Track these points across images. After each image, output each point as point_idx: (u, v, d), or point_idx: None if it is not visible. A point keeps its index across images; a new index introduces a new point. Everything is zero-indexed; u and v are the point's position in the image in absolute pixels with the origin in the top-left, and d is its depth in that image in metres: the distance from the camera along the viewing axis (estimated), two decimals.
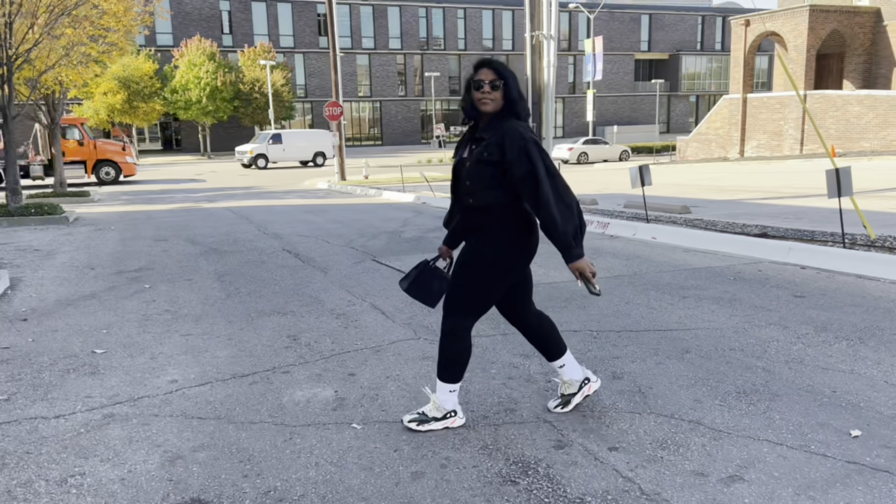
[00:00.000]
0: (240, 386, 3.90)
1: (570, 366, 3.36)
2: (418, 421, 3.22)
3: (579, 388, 3.35)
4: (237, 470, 2.91)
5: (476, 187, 2.98)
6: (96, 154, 27.20)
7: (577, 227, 2.92)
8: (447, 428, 3.22)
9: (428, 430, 3.20)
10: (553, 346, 3.34)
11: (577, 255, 2.90)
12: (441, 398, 3.20)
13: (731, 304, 5.34)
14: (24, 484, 2.83)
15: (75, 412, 3.56)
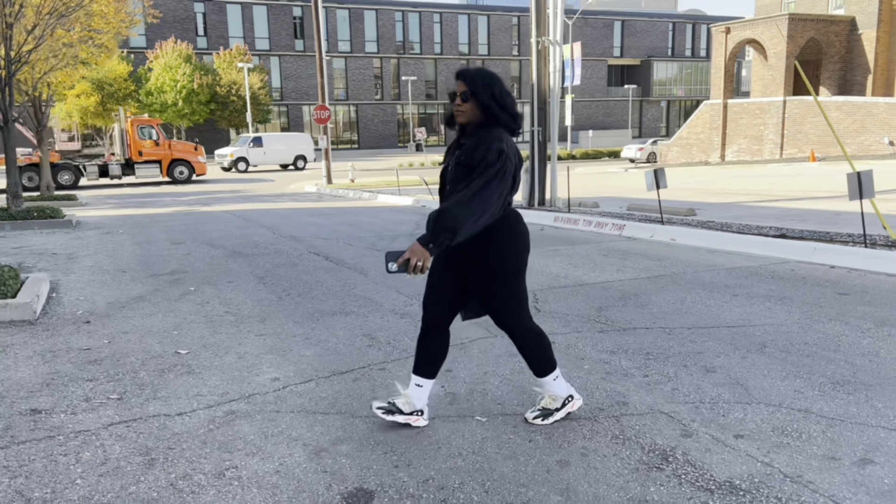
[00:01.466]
0: (344, 383, 3.99)
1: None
2: (542, 416, 3.33)
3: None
4: (386, 461, 3.01)
5: (457, 191, 2.98)
6: (171, 154, 28.18)
7: (451, 230, 2.86)
8: (569, 414, 3.35)
9: (554, 421, 3.32)
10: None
11: (426, 244, 2.89)
12: (553, 389, 3.29)
13: (782, 302, 5.56)
14: (183, 477, 2.90)
15: (195, 410, 3.62)
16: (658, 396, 3.64)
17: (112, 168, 27.27)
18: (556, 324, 5.09)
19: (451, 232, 2.86)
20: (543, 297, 6.01)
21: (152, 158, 27.98)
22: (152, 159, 27.99)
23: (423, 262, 2.89)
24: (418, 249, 2.89)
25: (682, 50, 74.35)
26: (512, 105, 3.02)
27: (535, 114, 13.41)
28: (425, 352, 3.29)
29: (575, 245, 9.15)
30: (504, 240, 3.09)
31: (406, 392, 3.33)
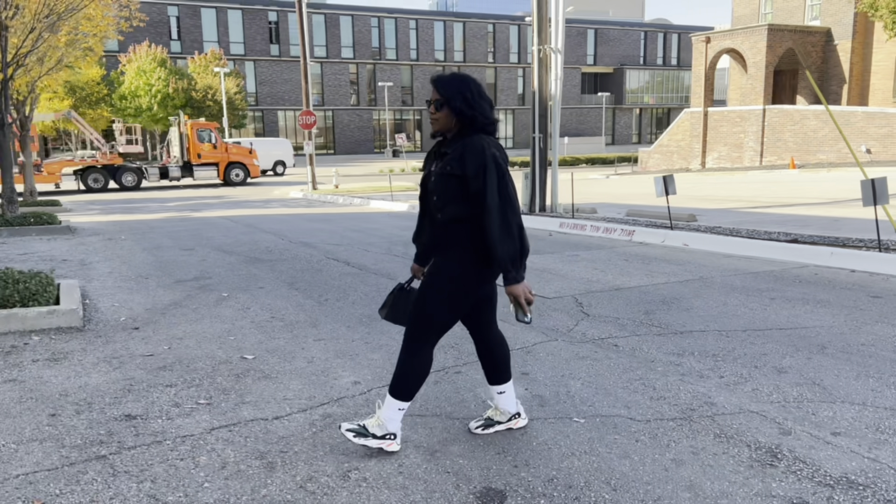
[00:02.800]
0: (425, 386, 4.03)
1: (509, 396, 3.34)
2: (355, 432, 3.12)
3: (507, 420, 3.35)
4: (503, 461, 3.07)
5: (442, 202, 2.95)
6: (228, 157, 29.14)
7: (518, 250, 2.87)
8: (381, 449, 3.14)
9: (363, 444, 3.12)
10: (500, 372, 3.31)
11: (513, 279, 2.86)
12: (386, 415, 3.11)
13: (821, 305, 5.73)
14: (308, 480, 2.92)
15: (291, 414, 3.64)
16: (741, 397, 3.75)
17: (172, 170, 28.23)
18: (612, 327, 5.19)
19: (517, 251, 2.87)
20: (586, 301, 6.11)
21: (210, 161, 28.85)
22: (210, 162, 28.86)
23: (530, 292, 2.92)
24: (518, 289, 2.88)
25: (654, 58, 75.49)
26: (488, 110, 2.94)
27: (536, 120, 13.56)
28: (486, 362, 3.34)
29: (591, 250, 9.28)
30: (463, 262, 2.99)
31: (494, 403, 3.35)
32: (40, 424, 3.49)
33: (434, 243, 3.08)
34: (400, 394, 3.08)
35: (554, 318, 5.55)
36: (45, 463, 3.07)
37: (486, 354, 3.30)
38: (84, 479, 2.92)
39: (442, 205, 2.95)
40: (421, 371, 3.08)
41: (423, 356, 3.07)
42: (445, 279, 3.00)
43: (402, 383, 3.07)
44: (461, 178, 2.86)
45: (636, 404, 3.68)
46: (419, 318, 3.05)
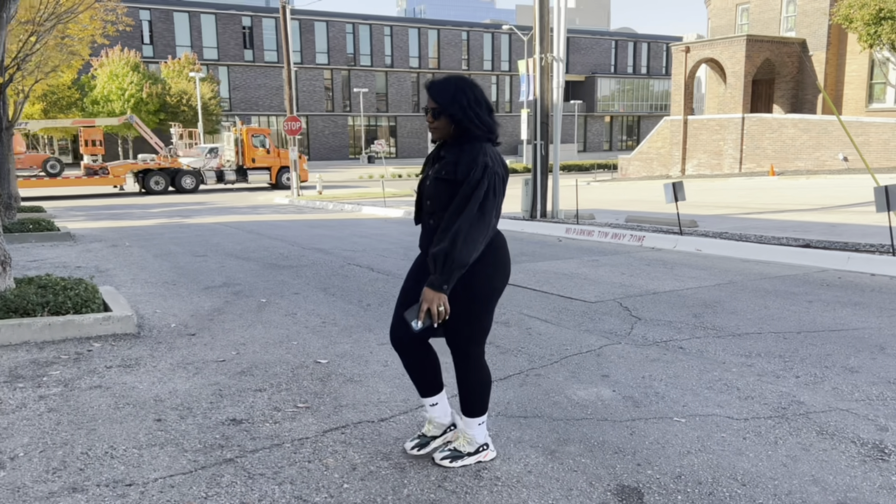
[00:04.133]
0: (511, 387, 4.11)
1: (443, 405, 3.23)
2: (452, 457, 3.11)
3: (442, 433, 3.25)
4: (624, 460, 3.15)
5: (436, 206, 2.88)
6: (280, 161, 30.48)
7: (465, 265, 2.74)
8: (479, 462, 3.12)
9: (462, 465, 3.10)
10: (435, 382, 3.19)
11: (439, 285, 2.72)
12: (472, 433, 3.11)
13: (860, 307, 5.94)
14: (444, 479, 2.97)
15: (394, 416, 3.68)
16: (825, 395, 3.89)
17: (227, 174, 30.07)
18: (669, 330, 5.32)
19: (463, 267, 2.74)
20: (630, 305, 6.24)
21: (263, 165, 30.34)
22: (263, 166, 30.35)
23: (443, 306, 2.73)
24: (433, 295, 2.72)
25: (624, 67, 76.55)
26: (487, 115, 2.85)
27: (537, 127, 13.73)
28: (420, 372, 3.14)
29: (608, 255, 9.44)
30: (489, 261, 2.91)
31: (430, 416, 3.22)
32: (150, 430, 3.49)
33: (428, 247, 2.96)
34: (479, 411, 3.08)
35: (607, 321, 5.67)
36: (176, 467, 3.08)
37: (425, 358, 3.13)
38: (223, 482, 2.94)
39: (434, 209, 2.89)
40: (489, 380, 3.08)
41: (485, 366, 3.07)
42: (472, 286, 2.87)
43: (478, 400, 3.06)
44: (453, 183, 2.81)
45: (727, 404, 3.80)
46: (472, 331, 2.95)
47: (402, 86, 65.31)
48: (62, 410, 3.75)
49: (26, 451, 3.23)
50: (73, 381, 4.26)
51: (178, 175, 29.50)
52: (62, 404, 3.84)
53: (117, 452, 3.22)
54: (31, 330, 5.16)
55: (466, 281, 2.85)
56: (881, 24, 23.55)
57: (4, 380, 4.28)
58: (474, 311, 2.93)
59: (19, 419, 3.62)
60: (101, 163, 30.74)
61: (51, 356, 4.81)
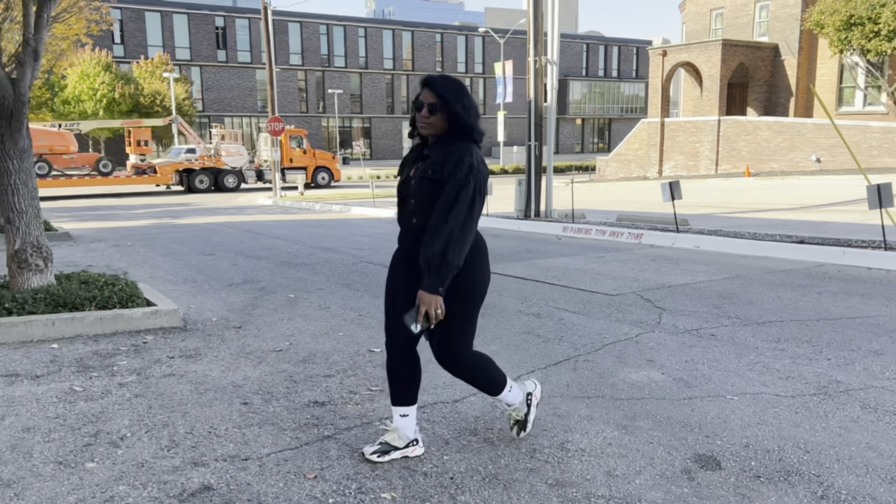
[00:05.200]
0: (566, 371, 4.36)
1: (411, 420, 3.15)
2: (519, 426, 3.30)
3: (405, 446, 3.13)
4: (694, 433, 3.41)
5: (420, 206, 2.86)
6: (315, 161, 32.52)
7: (457, 266, 2.79)
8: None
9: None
10: (415, 391, 3.15)
11: (435, 287, 2.75)
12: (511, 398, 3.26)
13: (868, 297, 6.31)
14: (533, 451, 3.21)
15: (466, 397, 3.90)
16: (859, 375, 4.21)
17: (266, 174, 31.40)
18: (696, 320, 5.62)
19: (457, 268, 2.80)
20: (651, 297, 6.54)
21: (300, 165, 31.93)
22: (300, 166, 31.87)
23: (440, 309, 2.77)
24: (430, 298, 2.75)
25: (595, 70, 77.48)
26: (478, 117, 2.90)
27: (531, 129, 14.03)
28: (400, 378, 3.10)
29: (611, 252, 9.75)
30: (476, 262, 2.95)
31: (394, 426, 3.15)
32: (241, 412, 3.67)
33: (412, 247, 2.95)
34: (499, 386, 3.18)
35: (634, 312, 5.95)
36: (282, 443, 3.27)
37: (412, 367, 3.10)
38: (331, 455, 3.14)
39: (419, 208, 2.87)
40: (489, 363, 3.16)
41: (474, 354, 3.12)
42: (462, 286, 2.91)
43: (494, 381, 3.16)
44: (438, 181, 2.81)
45: (771, 383, 4.09)
46: (463, 332, 3.02)
47: (377, 87, 65.38)
48: (147, 396, 3.91)
49: (132, 432, 3.39)
50: (144, 370, 4.41)
51: (221, 174, 31.07)
52: (145, 391, 4.00)
53: (220, 432, 3.40)
54: (84, 323, 5.28)
55: (456, 284, 2.88)
56: (851, 30, 24.37)
57: (76, 369, 4.41)
58: (464, 314, 2.97)
59: (111, 404, 3.78)
60: (149, 162, 32.07)
61: (109, 348, 4.94)
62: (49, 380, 4.21)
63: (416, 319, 2.78)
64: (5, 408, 3.72)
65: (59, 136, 30.26)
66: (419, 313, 2.77)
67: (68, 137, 30.43)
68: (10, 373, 4.34)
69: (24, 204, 5.75)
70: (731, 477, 2.96)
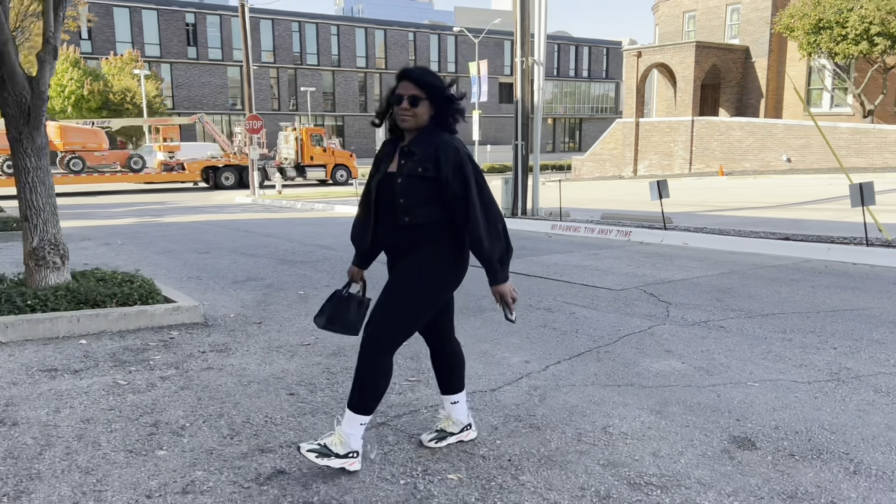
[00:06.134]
0: (591, 361, 4.55)
1: (462, 406, 3.23)
2: (317, 453, 2.88)
3: (460, 430, 3.24)
4: (725, 417, 3.62)
5: (411, 204, 2.79)
6: (334, 159, 33.58)
7: (504, 250, 2.82)
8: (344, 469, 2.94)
9: (326, 465, 2.89)
10: (456, 381, 3.21)
11: (501, 278, 2.81)
12: (347, 431, 2.91)
13: (859, 291, 6.61)
14: (579, 435, 3.39)
15: (501, 387, 4.07)
16: (866, 362, 4.46)
17: (288, 171, 32.48)
18: (702, 312, 5.86)
19: (506, 249, 2.85)
20: (654, 291, 6.77)
21: (320, 163, 33.10)
22: (320, 163, 33.08)
23: (515, 290, 2.89)
24: (505, 288, 2.83)
25: (566, 70, 78.17)
26: (461, 106, 2.88)
27: (518, 129, 14.25)
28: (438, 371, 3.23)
29: (604, 249, 9.99)
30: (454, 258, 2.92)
31: (446, 413, 3.18)
32: (291, 402, 3.79)
33: (396, 246, 2.92)
34: (361, 408, 2.88)
35: (641, 306, 6.18)
36: None
37: (443, 363, 3.19)
38: (390, 440, 3.28)
39: (409, 207, 2.80)
40: (384, 382, 2.89)
41: (387, 365, 2.89)
42: (418, 281, 2.86)
43: (364, 396, 2.88)
44: (435, 180, 2.77)
45: (787, 371, 4.33)
46: (391, 324, 2.87)
47: (349, 85, 65.22)
48: (193, 388, 4.01)
49: (190, 422, 3.50)
50: (180, 364, 4.50)
51: (245, 171, 31.39)
52: (188, 384, 4.09)
53: (276, 420, 3.53)
54: (108, 320, 5.33)
55: (417, 268, 2.85)
56: (820, 34, 25.06)
57: (113, 364, 4.49)
58: (406, 301, 2.87)
59: (160, 397, 3.87)
60: (177, 159, 32.76)
61: (138, 344, 5.01)
62: (89, 374, 4.28)
63: (511, 314, 2.89)
64: (57, 400, 3.79)
65: (93, 133, 31.37)
66: (509, 306, 2.87)
67: (100, 135, 31.53)
68: (48, 367, 4.40)
69: (41, 201, 5.78)
70: (768, 455, 3.17)
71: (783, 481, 2.92)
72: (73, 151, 29.87)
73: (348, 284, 3.23)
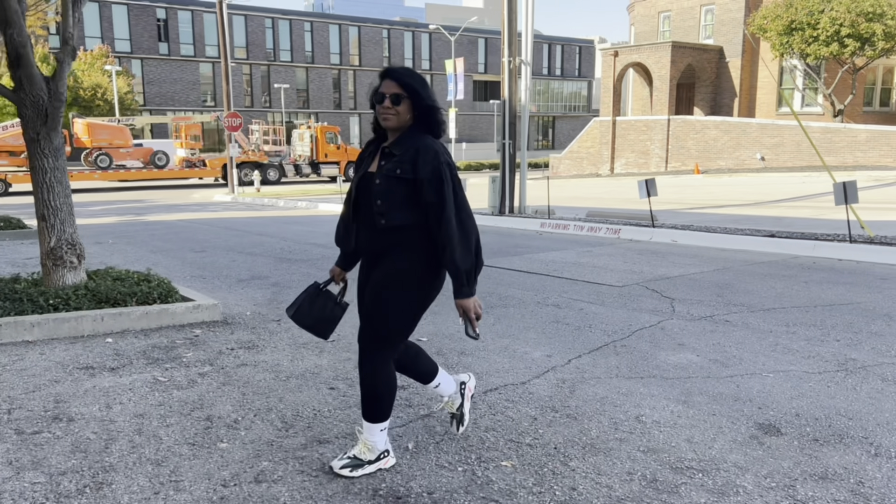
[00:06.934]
0: (610, 355, 4.75)
1: (445, 381, 3.27)
2: (352, 466, 2.97)
3: (461, 395, 3.31)
4: (747, 406, 3.83)
5: (388, 207, 2.76)
6: (347, 156, 34.40)
7: (474, 264, 2.77)
8: (379, 470, 3.02)
9: (362, 474, 2.97)
10: (430, 366, 3.25)
11: (467, 292, 2.76)
12: (372, 440, 2.98)
13: (850, 285, 6.91)
14: (614, 423, 3.58)
15: (531, 380, 4.24)
16: (869, 353, 4.72)
17: (303, 168, 34.15)
18: (705, 308, 6.10)
19: (476, 263, 2.80)
20: (655, 287, 7.00)
21: (334, 160, 34.15)
22: (333, 160, 34.15)
23: (480, 306, 2.83)
24: (469, 303, 2.77)
25: (539, 68, 78.63)
26: (440, 108, 2.86)
27: (506, 128, 14.45)
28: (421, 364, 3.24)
29: (596, 246, 10.23)
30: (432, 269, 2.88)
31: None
32: (334, 396, 3.92)
33: (374, 249, 2.87)
34: (380, 416, 2.95)
35: (646, 301, 6.40)
36: (404, 419, 3.54)
37: (412, 361, 3.20)
38: (437, 431, 3.44)
39: (386, 209, 2.77)
40: (394, 386, 2.97)
41: (391, 371, 2.96)
42: (407, 284, 2.85)
43: (379, 405, 2.94)
44: (412, 182, 2.74)
45: (796, 362, 4.57)
46: (386, 335, 2.89)
47: (323, 82, 64.94)
48: (234, 384, 4.12)
49: (242, 416, 3.62)
50: (213, 360, 4.60)
51: (263, 168, 33.31)
52: (228, 380, 4.20)
53: (325, 413, 3.66)
54: (130, 318, 5.40)
55: (413, 276, 2.83)
56: (792, 35, 25.66)
57: (147, 362, 4.57)
58: (401, 308, 2.86)
59: (204, 392, 3.98)
60: (199, 156, 34.10)
61: (165, 342, 5.09)
62: (127, 371, 4.36)
63: (473, 329, 2.81)
64: (105, 397, 3.88)
65: (119, 130, 32.47)
66: (472, 322, 2.79)
67: (126, 132, 32.69)
68: (84, 365, 4.48)
69: (58, 201, 5.82)
70: (794, 440, 3.38)
71: (812, 464, 3.13)
72: (100, 148, 31.08)
73: (328, 281, 3.21)
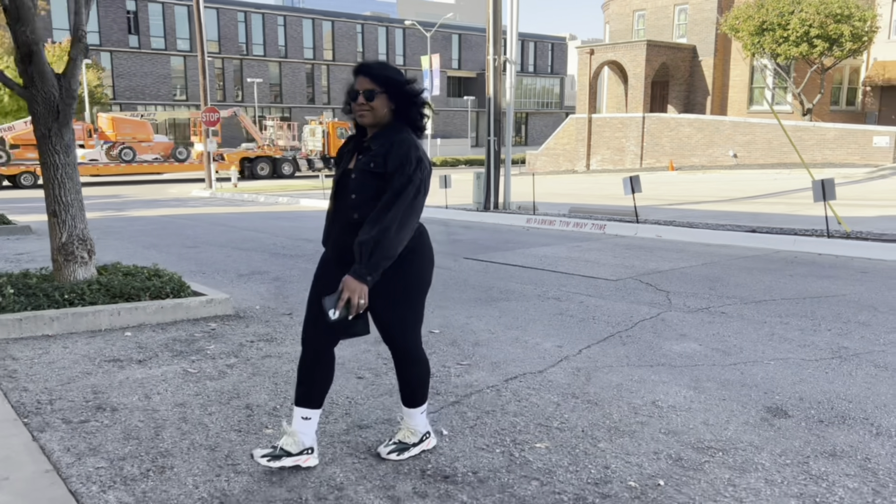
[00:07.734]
0: (618, 345, 4.97)
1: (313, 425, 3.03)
2: (398, 450, 3.10)
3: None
4: (756, 391, 4.08)
5: (361, 201, 2.75)
6: None
7: (387, 257, 2.67)
8: (423, 452, 3.16)
9: (409, 456, 3.11)
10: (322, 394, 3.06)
11: (364, 275, 2.63)
12: (417, 422, 3.13)
13: (833, 278, 7.23)
14: (634, 410, 3.79)
15: (546, 369, 4.44)
16: (860, 342, 5.00)
17: (315, 162, 35.38)
18: (701, 300, 6.36)
19: (390, 259, 2.69)
20: (649, 281, 7.26)
21: None
22: None
23: (363, 299, 2.65)
24: (356, 285, 2.63)
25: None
26: (423, 100, 2.82)
27: (491, 125, 14.65)
28: (315, 378, 2.97)
29: (584, 241, 10.49)
30: (421, 252, 2.91)
31: (292, 429, 2.96)
32: (364, 385, 4.09)
33: (346, 244, 2.79)
34: (421, 400, 3.10)
35: (642, 294, 6.65)
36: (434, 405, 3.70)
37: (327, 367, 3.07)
38: (470, 417, 3.62)
39: (359, 204, 2.75)
40: (427, 372, 3.10)
41: (425, 357, 3.09)
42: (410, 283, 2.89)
43: (422, 391, 3.09)
44: (382, 176, 2.73)
45: (793, 350, 4.83)
46: (409, 328, 2.96)
47: (297, 77, 64.57)
48: (264, 374, 4.26)
49: (279, 404, 3.76)
50: (237, 352, 4.73)
51: (277, 162, 34.91)
52: (257, 370, 4.34)
53: (358, 401, 3.82)
54: (146, 312, 5.50)
55: (401, 273, 2.82)
56: (763, 35, 26.24)
57: (172, 354, 4.69)
58: (411, 303, 2.92)
59: (237, 383, 4.11)
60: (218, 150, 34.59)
61: (184, 335, 5.20)
62: (155, 363, 4.48)
63: (335, 305, 2.62)
64: (141, 388, 4.00)
65: (142, 125, 33.68)
66: (341, 299, 2.62)
67: (148, 127, 33.91)
68: (111, 358, 4.58)
69: (69, 197, 5.88)
70: (801, 422, 3.63)
71: (821, 443, 3.38)
72: (123, 142, 32.42)
73: None
